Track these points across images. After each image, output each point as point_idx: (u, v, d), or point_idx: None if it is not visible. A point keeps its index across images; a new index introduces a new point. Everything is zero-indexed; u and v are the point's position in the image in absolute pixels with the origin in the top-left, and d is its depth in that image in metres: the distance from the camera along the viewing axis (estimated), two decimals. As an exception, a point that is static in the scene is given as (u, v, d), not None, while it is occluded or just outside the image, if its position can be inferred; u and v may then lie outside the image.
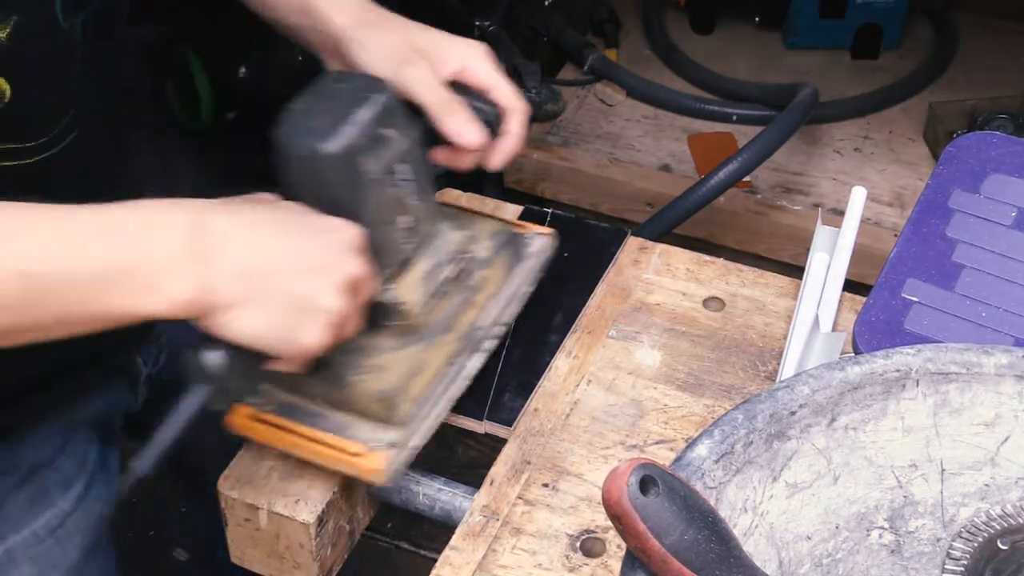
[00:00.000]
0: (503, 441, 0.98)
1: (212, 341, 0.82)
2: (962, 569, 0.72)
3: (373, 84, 0.90)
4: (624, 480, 0.61)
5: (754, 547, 0.70)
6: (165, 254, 0.77)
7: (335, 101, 0.88)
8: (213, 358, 0.82)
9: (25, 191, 0.75)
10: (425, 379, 0.95)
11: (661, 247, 1.15)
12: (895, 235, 1.24)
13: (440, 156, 0.98)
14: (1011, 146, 1.05)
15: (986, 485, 0.74)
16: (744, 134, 1.68)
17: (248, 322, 0.81)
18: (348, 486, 0.97)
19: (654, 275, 1.12)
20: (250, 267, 0.81)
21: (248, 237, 0.81)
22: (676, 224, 1.52)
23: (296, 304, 0.82)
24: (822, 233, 1.10)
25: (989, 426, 0.74)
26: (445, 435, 1.00)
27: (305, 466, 0.96)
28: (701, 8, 1.97)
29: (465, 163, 0.99)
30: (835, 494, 0.73)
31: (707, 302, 1.09)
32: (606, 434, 0.98)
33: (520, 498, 0.93)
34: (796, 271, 1.13)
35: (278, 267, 0.82)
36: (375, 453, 0.92)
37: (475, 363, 0.99)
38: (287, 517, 0.94)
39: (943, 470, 0.74)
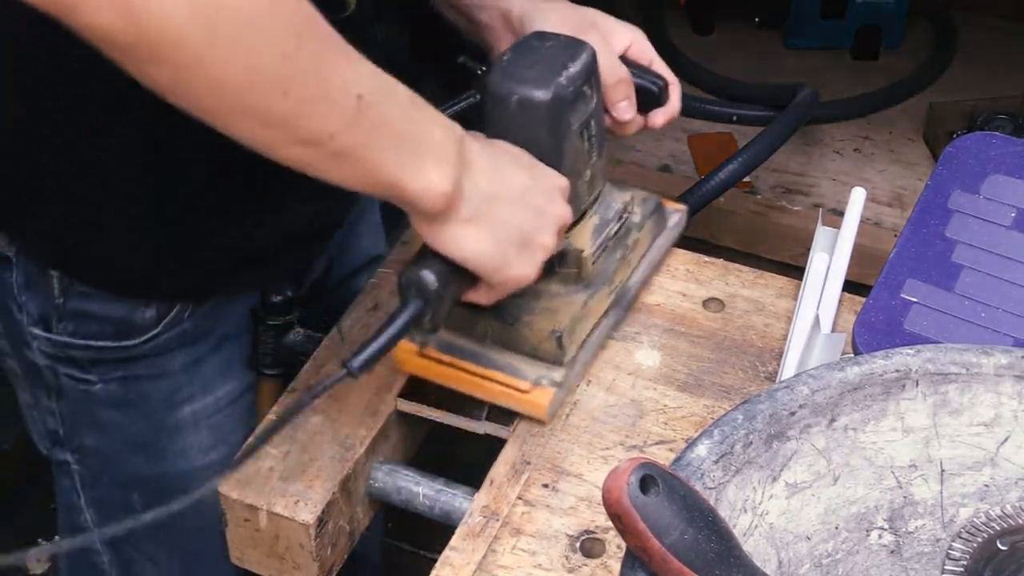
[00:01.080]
0: (503, 441, 0.98)
1: (428, 261, 0.87)
2: (961, 569, 0.72)
3: (577, 44, 0.96)
4: (624, 479, 0.61)
5: (754, 547, 0.70)
6: (443, 145, 0.83)
7: (544, 56, 0.94)
8: (429, 276, 0.87)
9: None
10: (588, 325, 1.01)
11: (661, 247, 1.15)
12: (895, 235, 1.24)
13: (608, 121, 1.05)
14: (1011, 147, 1.05)
15: (986, 485, 0.74)
16: (744, 134, 1.67)
17: (475, 242, 0.86)
18: (348, 487, 0.97)
19: (654, 275, 1.12)
20: (491, 191, 0.86)
21: (493, 165, 0.87)
22: (676, 224, 1.52)
23: (520, 236, 0.88)
24: (822, 233, 1.10)
25: (988, 426, 0.74)
26: (444, 435, 1.00)
27: (305, 467, 0.96)
28: (701, 8, 1.97)
29: (630, 130, 1.08)
30: (835, 494, 0.73)
31: (707, 303, 1.09)
32: (606, 434, 0.98)
33: (520, 498, 0.93)
34: (796, 272, 1.13)
35: (513, 198, 0.88)
36: (542, 390, 0.97)
37: (621, 319, 1.06)
38: (287, 518, 0.94)
39: (943, 470, 0.74)
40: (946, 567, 0.72)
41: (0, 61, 0.91)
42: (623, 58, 1.06)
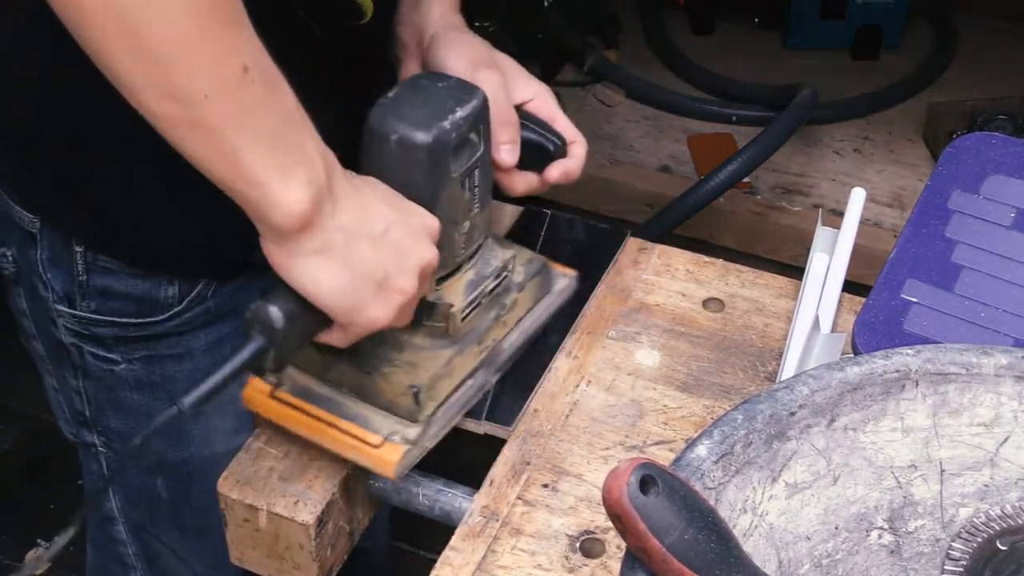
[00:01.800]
0: (503, 442, 0.99)
1: (276, 297, 0.84)
2: (961, 569, 0.72)
3: (469, 89, 0.92)
4: (624, 479, 0.61)
5: (753, 547, 0.70)
6: (315, 162, 0.80)
7: (432, 96, 0.91)
8: (276, 313, 0.84)
9: None
10: (451, 384, 0.96)
11: (660, 248, 1.15)
12: (895, 236, 1.24)
13: (501, 177, 1.00)
14: (1011, 147, 1.05)
15: (985, 486, 0.74)
16: (744, 135, 1.68)
17: (328, 277, 0.83)
18: (348, 487, 0.97)
19: (654, 276, 1.12)
20: (352, 226, 0.83)
21: (358, 200, 0.84)
22: (676, 225, 1.52)
23: (378, 276, 0.85)
24: (822, 234, 1.10)
25: (988, 427, 0.74)
26: (445, 436, 1.00)
27: (305, 467, 0.96)
28: (701, 9, 1.97)
29: (519, 187, 1.02)
30: (834, 494, 0.73)
31: (706, 303, 1.09)
32: (605, 435, 0.98)
33: (520, 499, 0.93)
34: (796, 272, 1.13)
35: (373, 235, 0.84)
36: (392, 446, 0.93)
37: (491, 380, 1.01)
38: (287, 518, 0.94)
39: (942, 471, 0.74)
40: (946, 567, 0.72)
41: (26, 41, 0.91)
42: (522, 110, 1.02)
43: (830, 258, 1.07)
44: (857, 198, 1.11)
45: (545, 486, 0.94)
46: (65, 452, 1.20)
